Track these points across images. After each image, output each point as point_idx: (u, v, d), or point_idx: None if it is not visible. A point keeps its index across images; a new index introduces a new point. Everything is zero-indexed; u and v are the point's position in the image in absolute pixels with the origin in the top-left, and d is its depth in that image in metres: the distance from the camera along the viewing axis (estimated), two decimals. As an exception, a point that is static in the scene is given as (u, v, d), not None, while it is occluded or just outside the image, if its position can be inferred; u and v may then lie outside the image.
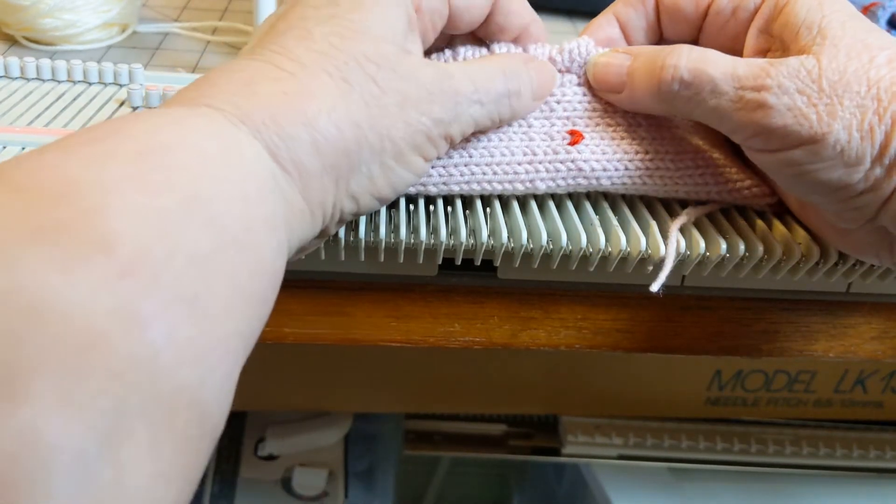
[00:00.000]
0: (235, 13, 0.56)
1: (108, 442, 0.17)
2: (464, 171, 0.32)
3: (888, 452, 0.70)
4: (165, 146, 0.21)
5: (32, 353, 0.16)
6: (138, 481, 0.17)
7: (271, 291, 0.23)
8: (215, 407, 0.20)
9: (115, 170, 0.20)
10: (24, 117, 0.37)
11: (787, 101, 0.28)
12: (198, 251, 0.20)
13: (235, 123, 0.23)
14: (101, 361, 0.17)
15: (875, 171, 0.27)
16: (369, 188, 0.27)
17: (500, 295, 0.36)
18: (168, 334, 0.18)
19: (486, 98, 0.29)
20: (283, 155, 0.24)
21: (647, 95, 0.31)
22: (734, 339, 0.38)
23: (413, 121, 0.27)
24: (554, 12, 0.60)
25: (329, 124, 0.25)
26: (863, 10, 0.52)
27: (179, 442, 0.18)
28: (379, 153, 0.26)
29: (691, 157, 0.33)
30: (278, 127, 0.24)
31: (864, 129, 0.27)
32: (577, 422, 0.70)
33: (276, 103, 0.24)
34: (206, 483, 0.67)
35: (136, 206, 0.19)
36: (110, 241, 0.18)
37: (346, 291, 0.36)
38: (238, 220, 0.21)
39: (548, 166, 0.32)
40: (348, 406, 0.68)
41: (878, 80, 0.27)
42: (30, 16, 0.45)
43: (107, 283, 0.18)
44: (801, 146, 0.28)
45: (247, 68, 0.25)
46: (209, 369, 0.19)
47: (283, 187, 0.24)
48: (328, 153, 0.25)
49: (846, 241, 0.32)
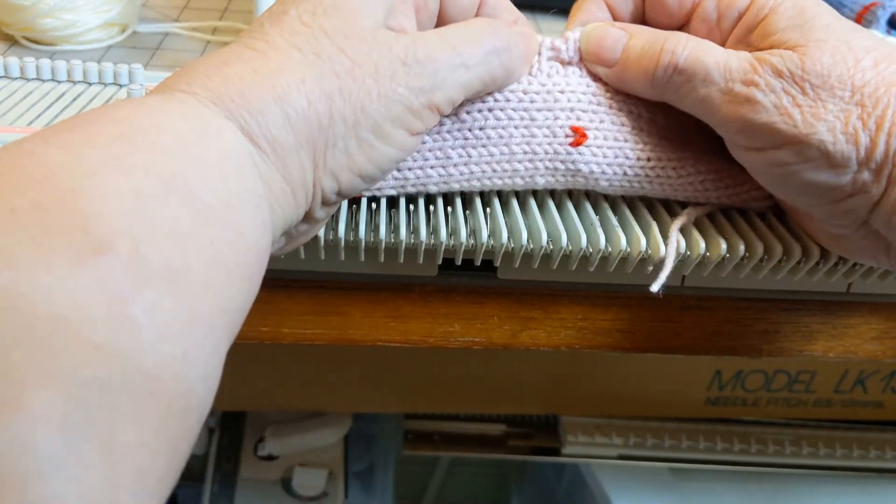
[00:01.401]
0: (235, 13, 0.56)
1: (92, 412, 0.17)
2: (463, 170, 0.32)
3: (888, 452, 0.70)
4: (142, 130, 0.21)
5: (12, 330, 0.16)
6: (124, 450, 0.18)
7: (257, 269, 0.23)
8: (200, 382, 0.20)
9: (93, 154, 0.20)
10: (24, 117, 0.37)
11: (774, 98, 0.28)
12: (177, 227, 0.20)
13: (208, 105, 0.24)
14: (81, 335, 0.17)
15: (862, 175, 0.27)
16: (348, 164, 0.26)
17: (500, 295, 0.36)
18: (149, 309, 0.18)
19: (471, 60, 0.28)
20: (256, 131, 0.24)
21: (640, 77, 0.31)
22: (734, 339, 0.38)
23: (388, 92, 0.26)
24: (554, 12, 0.60)
25: (300, 97, 0.25)
26: (863, 10, 0.52)
27: (164, 415, 0.19)
28: (353, 126, 0.26)
29: (693, 163, 0.32)
30: (248, 103, 0.24)
31: (849, 132, 0.27)
32: (577, 422, 0.70)
33: (246, 81, 0.24)
34: (205, 483, 0.67)
35: (114, 187, 0.19)
36: (87, 219, 0.18)
37: (346, 292, 0.36)
38: (217, 196, 0.21)
39: (547, 164, 0.32)
40: (348, 406, 0.68)
41: (862, 86, 0.27)
42: (30, 16, 0.45)
43: (85, 260, 0.18)
44: (786, 146, 0.28)
45: (221, 53, 0.26)
46: (193, 345, 0.20)
47: (260, 167, 0.24)
48: (300, 126, 0.25)
49: (842, 247, 0.32)
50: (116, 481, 0.17)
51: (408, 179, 0.32)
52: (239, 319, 0.23)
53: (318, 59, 0.25)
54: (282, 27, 0.26)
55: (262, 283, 0.24)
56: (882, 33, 0.51)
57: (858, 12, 0.53)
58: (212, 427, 0.71)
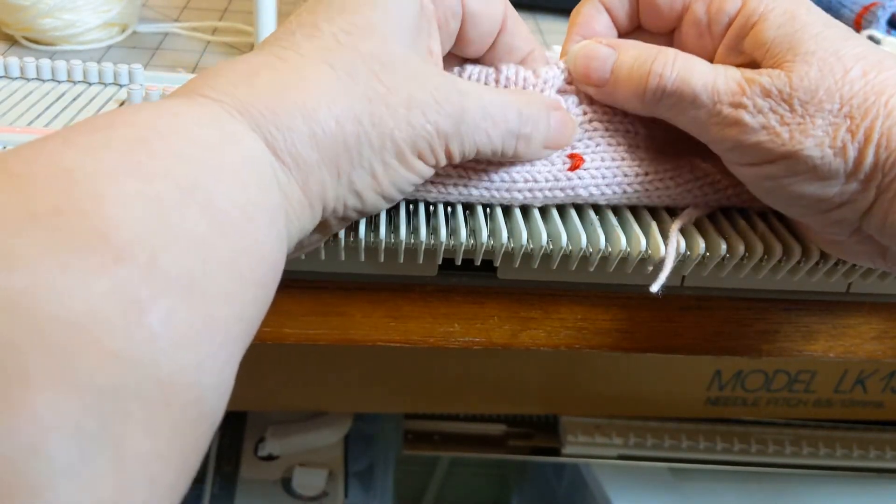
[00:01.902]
0: (235, 13, 0.56)
1: (106, 420, 0.17)
2: (462, 191, 0.32)
3: (888, 452, 0.70)
4: (162, 135, 0.21)
5: (27, 334, 0.16)
6: (137, 458, 0.18)
7: (272, 279, 0.23)
8: (213, 391, 0.20)
9: (112, 158, 0.20)
10: (24, 117, 0.37)
11: (762, 119, 0.28)
12: (195, 236, 0.20)
13: (233, 114, 0.23)
14: (96, 342, 0.17)
15: (851, 186, 0.28)
16: (373, 185, 0.26)
17: (499, 295, 0.36)
18: (165, 318, 0.18)
19: (493, 131, 0.28)
20: (281, 146, 0.24)
21: (631, 97, 0.31)
22: (734, 339, 0.38)
23: (417, 124, 0.26)
24: (554, 12, 0.60)
25: (329, 117, 0.24)
26: (863, 10, 0.52)
27: (177, 424, 0.19)
28: (380, 151, 0.26)
29: (690, 170, 0.33)
30: (276, 118, 0.24)
31: (837, 146, 0.27)
32: (577, 422, 0.70)
33: (275, 95, 0.24)
34: (206, 483, 0.67)
35: (133, 193, 0.19)
36: (106, 226, 0.18)
37: (346, 292, 0.36)
38: (236, 206, 0.21)
39: (546, 193, 0.32)
40: (348, 406, 0.68)
41: (850, 98, 0.27)
42: (30, 16, 0.45)
43: (103, 267, 0.18)
44: (776, 161, 0.28)
45: (249, 61, 0.25)
46: (207, 354, 0.20)
47: (280, 179, 0.24)
48: (326, 146, 0.24)
49: (840, 251, 0.32)
50: (128, 490, 0.17)
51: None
52: (253, 328, 0.22)
53: (350, 80, 0.25)
54: (315, 42, 0.26)
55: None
56: (882, 33, 0.51)
57: (858, 12, 0.53)
58: (212, 427, 0.71)
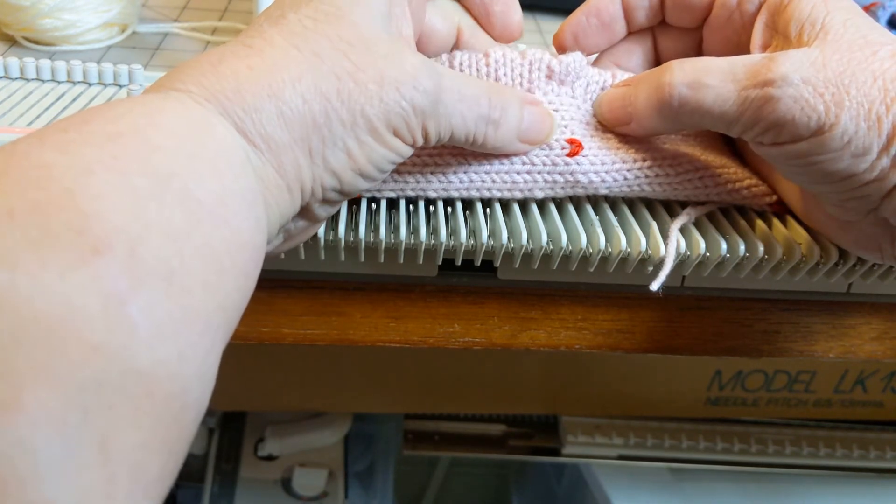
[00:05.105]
0: (235, 13, 0.56)
1: (89, 412, 0.17)
2: (462, 178, 0.32)
3: (888, 452, 0.70)
4: (136, 129, 0.22)
5: (8, 328, 0.17)
6: (122, 450, 0.18)
7: (253, 266, 0.23)
8: (196, 381, 0.20)
9: (88, 153, 0.20)
10: (24, 117, 0.37)
11: (793, 91, 0.27)
12: (172, 227, 0.20)
13: (202, 103, 0.24)
14: (77, 336, 0.17)
15: (882, 161, 0.27)
16: (349, 164, 0.26)
17: (499, 295, 0.36)
18: (145, 310, 0.19)
19: (468, 113, 0.28)
20: (250, 129, 0.24)
21: (653, 119, 0.31)
22: (734, 340, 0.38)
23: (391, 100, 0.26)
24: (554, 12, 0.60)
25: (295, 95, 0.25)
26: (863, 10, 0.52)
27: (161, 415, 0.19)
28: (352, 128, 0.26)
29: (690, 160, 0.33)
30: (242, 100, 0.24)
31: (872, 119, 0.27)
32: (577, 422, 0.70)
33: (241, 77, 0.24)
34: (205, 483, 0.67)
35: (109, 186, 0.19)
36: (84, 219, 0.18)
37: (345, 292, 0.36)
38: (212, 194, 0.22)
39: (546, 177, 0.32)
40: (348, 406, 0.68)
41: (882, 72, 0.27)
42: (30, 16, 0.45)
43: (82, 260, 0.18)
44: (809, 138, 0.28)
45: (217, 52, 0.26)
46: (189, 344, 0.20)
47: (255, 163, 0.24)
48: (296, 125, 0.25)
49: (848, 236, 0.32)
50: (113, 482, 0.18)
51: (407, 183, 0.32)
52: (235, 317, 0.23)
53: (317, 58, 0.25)
54: (281, 27, 0.26)
55: (261, 283, 0.24)
56: (882, 33, 0.51)
57: (858, 12, 0.53)
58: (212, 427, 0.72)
